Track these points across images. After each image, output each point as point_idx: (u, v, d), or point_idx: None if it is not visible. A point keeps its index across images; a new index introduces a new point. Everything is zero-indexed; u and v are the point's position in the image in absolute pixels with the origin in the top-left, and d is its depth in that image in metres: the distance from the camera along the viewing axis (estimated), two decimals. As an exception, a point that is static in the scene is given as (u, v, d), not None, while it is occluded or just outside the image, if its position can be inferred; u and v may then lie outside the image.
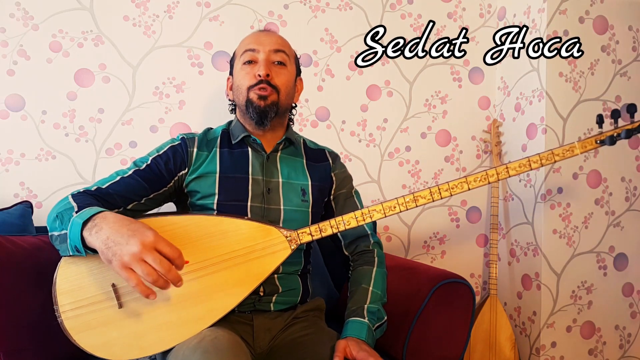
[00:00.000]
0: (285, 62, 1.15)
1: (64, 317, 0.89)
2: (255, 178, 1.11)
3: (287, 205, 1.12)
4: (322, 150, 1.26)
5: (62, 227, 0.89)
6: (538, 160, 0.90)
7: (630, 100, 1.84)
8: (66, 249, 0.89)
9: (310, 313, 1.15)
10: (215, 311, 0.94)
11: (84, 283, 0.91)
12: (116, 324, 0.90)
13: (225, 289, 0.95)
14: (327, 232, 0.99)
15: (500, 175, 0.92)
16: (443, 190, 0.95)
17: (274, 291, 1.08)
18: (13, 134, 1.54)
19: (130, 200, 1.03)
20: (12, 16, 1.53)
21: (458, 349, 1.23)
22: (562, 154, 0.90)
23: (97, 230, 0.84)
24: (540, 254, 1.77)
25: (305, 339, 1.06)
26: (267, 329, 1.06)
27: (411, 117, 1.92)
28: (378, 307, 1.09)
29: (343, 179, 1.26)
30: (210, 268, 0.95)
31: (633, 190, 1.87)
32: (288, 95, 1.16)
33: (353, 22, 1.83)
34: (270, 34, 1.18)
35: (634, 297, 1.89)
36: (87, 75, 1.60)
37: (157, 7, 1.65)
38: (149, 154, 1.11)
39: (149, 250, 0.80)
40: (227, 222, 0.99)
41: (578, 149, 0.91)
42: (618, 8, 1.81)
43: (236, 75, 1.16)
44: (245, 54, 1.13)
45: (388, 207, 0.97)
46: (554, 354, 1.80)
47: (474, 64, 1.97)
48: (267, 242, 0.99)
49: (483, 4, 1.97)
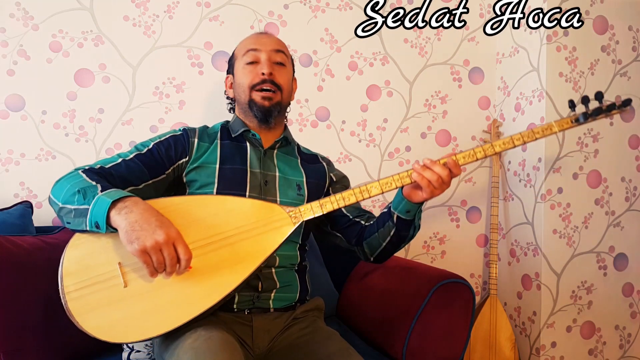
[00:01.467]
0: (284, 62, 1.19)
1: (68, 299, 0.89)
2: (253, 171, 1.13)
3: (283, 198, 1.14)
4: (315, 155, 1.31)
5: (85, 202, 0.91)
6: (520, 138, 0.98)
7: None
8: (81, 223, 0.91)
9: (310, 313, 1.15)
10: (221, 287, 0.94)
11: (90, 263, 0.92)
12: (120, 304, 0.90)
13: (231, 265, 0.95)
14: (328, 207, 1.00)
15: (487, 152, 0.98)
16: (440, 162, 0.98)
17: (272, 286, 1.08)
18: (13, 134, 1.54)
19: (129, 183, 1.04)
20: (12, 16, 1.53)
21: (458, 349, 1.23)
22: (541, 132, 0.98)
23: (127, 212, 0.88)
24: (540, 254, 1.77)
25: (303, 340, 1.06)
26: (266, 330, 1.06)
27: (411, 117, 1.92)
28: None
29: (341, 178, 1.30)
30: (214, 244, 0.95)
31: (633, 190, 1.87)
32: (288, 94, 1.21)
33: (353, 22, 1.83)
34: (270, 36, 1.22)
35: (634, 297, 1.89)
36: (87, 75, 1.60)
37: (157, 7, 1.65)
38: (151, 139, 1.12)
39: (169, 245, 0.86)
40: (231, 200, 1.01)
41: (556, 127, 0.98)
42: (618, 8, 1.80)
43: (238, 75, 1.19)
44: (248, 53, 1.17)
45: (385, 183, 0.99)
46: (554, 354, 1.80)
47: (474, 64, 1.97)
48: (270, 218, 0.99)
49: (483, 4, 1.97)
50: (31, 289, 1.09)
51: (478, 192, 2.01)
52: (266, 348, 1.05)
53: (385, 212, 1.10)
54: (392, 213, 1.05)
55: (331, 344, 1.03)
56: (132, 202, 0.90)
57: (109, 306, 0.89)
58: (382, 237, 1.10)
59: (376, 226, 1.11)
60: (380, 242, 1.11)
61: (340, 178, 1.29)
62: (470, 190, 1.99)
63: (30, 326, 1.07)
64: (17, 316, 1.06)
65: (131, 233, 0.86)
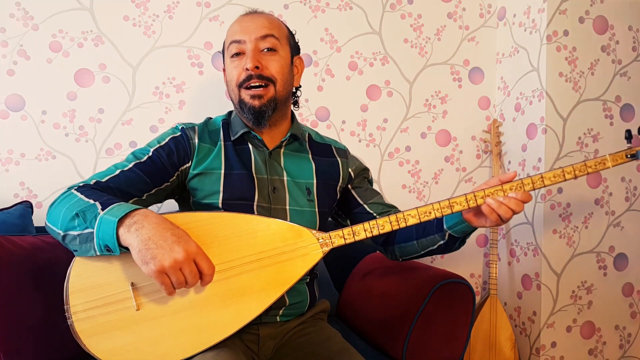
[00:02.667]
0: (275, 47, 1.03)
1: (74, 319, 0.83)
2: (259, 177, 1.04)
3: (293, 206, 1.05)
4: (329, 145, 1.18)
5: (87, 225, 0.82)
6: (572, 171, 0.95)
7: (631, 101, 1.84)
8: (90, 248, 0.82)
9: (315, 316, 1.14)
10: (240, 316, 0.88)
11: (100, 281, 0.85)
12: (132, 328, 0.84)
13: (252, 293, 0.89)
14: (361, 236, 0.94)
15: (535, 184, 0.94)
16: (479, 197, 0.92)
17: (281, 305, 1.04)
18: (13, 134, 1.54)
19: (130, 196, 0.96)
20: (12, 16, 1.53)
21: (458, 349, 1.23)
22: (594, 167, 0.96)
23: (138, 228, 0.79)
24: (540, 254, 1.77)
25: (304, 340, 1.06)
26: (272, 337, 1.05)
27: (411, 117, 1.92)
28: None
29: (361, 171, 1.20)
30: (237, 269, 0.89)
31: (633, 190, 1.87)
32: (286, 83, 1.05)
33: (353, 22, 1.83)
34: (256, 17, 1.05)
35: (634, 297, 1.89)
36: (87, 75, 1.60)
37: (157, 7, 1.65)
38: (149, 144, 1.03)
39: (189, 262, 0.79)
40: (257, 220, 0.92)
41: (610, 162, 0.97)
42: (618, 8, 1.80)
43: (227, 70, 1.08)
44: (232, 45, 1.04)
45: (423, 213, 0.93)
46: (554, 354, 1.80)
47: (474, 64, 1.97)
48: (298, 243, 0.93)
49: (483, 4, 1.97)
50: (31, 289, 1.09)
51: (478, 192, 2.00)
52: (271, 353, 1.05)
53: (430, 223, 1.03)
54: (445, 230, 1.00)
55: (332, 344, 1.02)
56: (141, 215, 0.81)
57: (119, 330, 0.84)
58: (421, 246, 1.06)
59: (415, 234, 1.06)
60: (418, 250, 1.07)
61: (360, 172, 1.19)
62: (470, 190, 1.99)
63: (30, 326, 1.07)
64: (17, 316, 1.06)
65: (145, 252, 0.77)
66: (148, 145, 1.03)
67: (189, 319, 0.86)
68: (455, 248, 1.05)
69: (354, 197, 1.16)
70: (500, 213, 0.90)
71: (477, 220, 0.95)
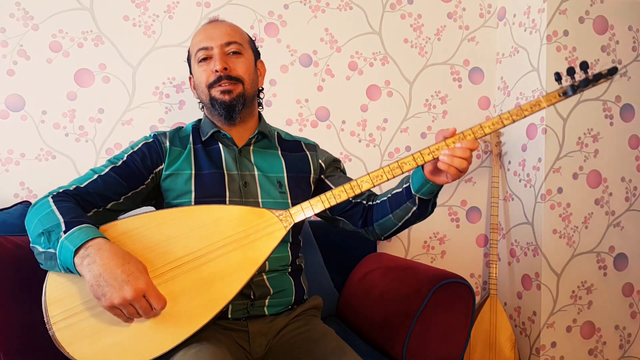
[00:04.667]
0: (240, 50, 1.11)
1: (55, 329, 0.86)
2: (230, 173, 1.09)
3: (265, 198, 1.09)
4: (298, 142, 1.23)
5: (50, 245, 0.86)
6: (509, 117, 0.96)
7: (631, 101, 1.84)
8: (54, 265, 0.86)
9: (307, 312, 1.14)
10: (215, 302, 0.91)
11: (75, 289, 0.88)
12: (111, 329, 0.86)
13: (224, 277, 0.92)
14: (319, 207, 0.96)
15: (476, 133, 0.95)
16: (426, 154, 0.95)
17: (266, 293, 1.06)
18: (13, 134, 1.55)
19: (109, 199, 1.01)
20: (12, 16, 1.53)
21: (458, 349, 1.23)
22: (530, 109, 0.96)
23: (90, 262, 0.82)
24: (540, 254, 1.77)
25: (298, 339, 1.05)
26: (263, 334, 1.05)
27: (411, 117, 1.92)
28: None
29: (332, 161, 1.24)
30: (205, 257, 0.92)
31: (633, 190, 1.87)
32: (253, 83, 1.13)
33: (353, 22, 1.83)
34: (219, 26, 1.13)
35: (634, 297, 1.89)
36: (87, 75, 1.60)
37: (157, 7, 1.65)
38: (124, 151, 1.08)
39: (139, 299, 0.82)
40: (218, 209, 0.97)
41: (544, 102, 0.96)
42: (618, 8, 1.80)
43: (195, 75, 1.14)
44: (199, 52, 1.10)
45: (375, 177, 0.96)
46: (554, 354, 1.80)
47: (474, 64, 1.97)
48: (261, 224, 0.96)
49: (483, 4, 1.97)
50: (31, 289, 1.09)
51: (478, 192, 2.01)
52: (263, 351, 1.05)
53: (400, 193, 1.06)
54: (414, 195, 1.02)
55: (326, 342, 1.02)
56: (94, 248, 0.83)
57: (99, 333, 0.86)
58: (397, 217, 1.08)
59: (389, 207, 1.08)
60: (395, 222, 1.09)
61: (330, 162, 1.23)
62: (470, 190, 2.00)
63: (30, 326, 1.07)
64: (17, 316, 1.06)
65: (97, 288, 0.81)
66: (122, 152, 1.08)
67: (167, 313, 0.88)
68: (429, 212, 1.07)
69: (328, 186, 1.20)
70: (455, 164, 0.92)
71: (439, 178, 0.98)
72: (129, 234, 0.92)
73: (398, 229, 1.11)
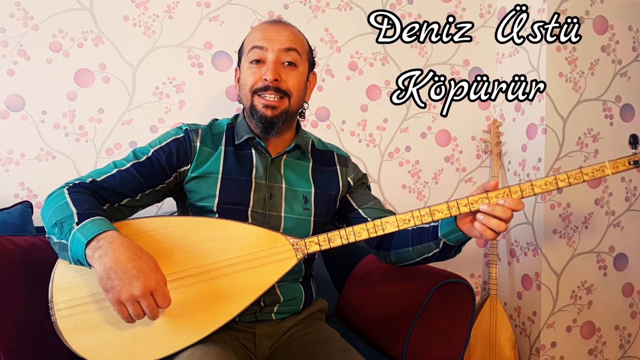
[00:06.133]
0: (296, 62, 1.04)
1: (57, 316, 0.87)
2: (258, 182, 1.05)
3: (288, 213, 1.06)
4: (331, 152, 1.19)
5: (62, 236, 0.86)
6: (566, 179, 0.86)
7: (631, 101, 1.84)
8: (66, 257, 0.86)
9: (313, 315, 1.14)
10: (214, 320, 0.90)
11: (83, 281, 0.88)
12: (111, 327, 0.87)
13: (227, 297, 0.91)
14: (336, 242, 0.93)
15: (524, 192, 0.87)
16: (462, 205, 0.89)
17: (275, 301, 1.05)
18: (13, 134, 1.54)
19: (124, 196, 0.98)
20: (12, 16, 1.53)
21: (458, 349, 1.23)
22: (591, 174, 0.87)
23: (101, 255, 0.81)
24: (540, 254, 1.77)
25: (303, 340, 1.05)
26: (269, 335, 1.05)
27: (411, 117, 1.92)
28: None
29: (360, 178, 1.20)
30: (211, 273, 0.91)
31: (633, 190, 1.87)
32: (299, 99, 1.07)
33: (353, 22, 1.83)
34: (281, 28, 1.05)
35: (634, 297, 1.89)
36: (87, 75, 1.60)
37: (157, 7, 1.65)
38: (150, 144, 1.04)
39: (147, 297, 0.81)
40: (233, 226, 0.94)
41: (609, 169, 0.87)
42: (618, 8, 1.80)
43: (243, 72, 1.07)
44: (253, 51, 1.03)
45: (402, 220, 0.91)
46: (554, 354, 1.80)
47: (474, 64, 1.97)
48: (273, 249, 0.94)
49: (483, 4, 1.97)
50: (31, 289, 1.09)
51: (478, 192, 2.00)
52: (268, 352, 1.05)
53: (425, 230, 1.01)
54: (439, 238, 0.98)
55: (331, 344, 1.02)
56: (107, 241, 0.82)
57: (99, 328, 0.87)
58: (416, 253, 1.04)
59: (410, 240, 1.04)
60: (413, 256, 1.06)
61: (357, 180, 1.18)
62: (470, 190, 1.99)
63: (29, 326, 1.07)
64: (17, 316, 1.06)
65: (106, 281, 0.80)
66: (149, 145, 1.04)
67: (165, 322, 0.88)
68: (450, 256, 1.03)
69: (349, 202, 1.16)
70: (492, 226, 0.86)
71: (471, 231, 0.92)
72: (135, 238, 0.91)
73: (414, 264, 1.08)
